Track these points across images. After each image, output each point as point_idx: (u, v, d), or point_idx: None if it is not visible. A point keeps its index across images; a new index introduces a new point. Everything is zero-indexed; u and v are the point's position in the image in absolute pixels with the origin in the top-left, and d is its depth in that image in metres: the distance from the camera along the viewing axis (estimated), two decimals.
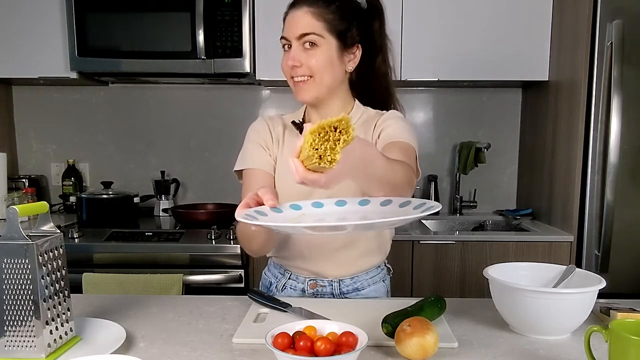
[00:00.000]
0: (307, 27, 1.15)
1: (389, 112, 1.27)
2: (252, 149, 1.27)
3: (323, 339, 0.82)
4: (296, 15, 1.16)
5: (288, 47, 1.18)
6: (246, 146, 1.28)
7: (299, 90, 1.19)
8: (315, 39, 1.15)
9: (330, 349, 0.81)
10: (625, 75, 1.92)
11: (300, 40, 1.15)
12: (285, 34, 1.17)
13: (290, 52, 1.16)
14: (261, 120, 1.31)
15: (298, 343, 0.83)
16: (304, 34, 1.15)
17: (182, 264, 2.00)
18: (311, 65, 1.15)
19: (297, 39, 1.15)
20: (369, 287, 1.30)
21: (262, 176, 1.24)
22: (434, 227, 2.49)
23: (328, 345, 0.81)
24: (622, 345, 0.76)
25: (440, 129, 2.69)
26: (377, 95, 1.31)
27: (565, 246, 2.09)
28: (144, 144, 2.71)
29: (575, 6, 2.08)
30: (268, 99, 2.69)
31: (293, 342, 0.84)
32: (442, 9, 2.28)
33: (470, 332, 1.03)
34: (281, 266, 1.32)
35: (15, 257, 0.84)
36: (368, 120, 1.26)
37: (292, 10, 1.18)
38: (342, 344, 0.84)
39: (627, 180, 1.99)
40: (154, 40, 2.22)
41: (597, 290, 0.98)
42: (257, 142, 1.27)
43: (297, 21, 1.16)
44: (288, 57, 1.17)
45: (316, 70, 1.16)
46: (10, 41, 2.30)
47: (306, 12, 1.16)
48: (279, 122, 1.30)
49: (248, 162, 1.25)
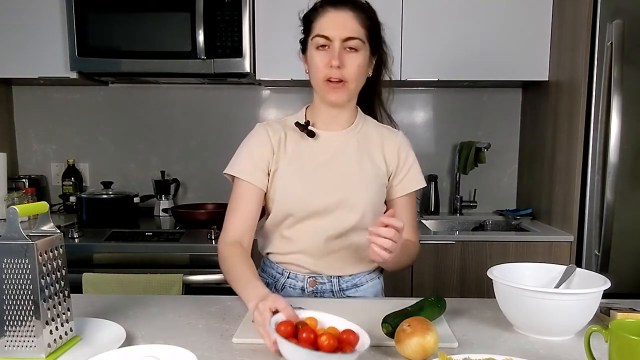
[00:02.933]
0: (353, 31, 1.16)
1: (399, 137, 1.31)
2: (245, 160, 1.25)
3: (327, 334, 0.82)
4: (341, 16, 1.16)
5: (326, 46, 1.17)
6: (240, 152, 1.27)
7: (331, 91, 1.19)
8: (358, 44, 1.17)
9: (334, 345, 0.81)
10: (625, 75, 1.92)
11: (344, 43, 1.16)
12: (329, 33, 1.16)
13: (332, 52, 1.16)
14: (261, 130, 1.28)
15: (301, 334, 0.82)
16: (350, 38, 1.16)
17: (182, 264, 2.00)
18: (350, 70, 1.17)
19: (342, 41, 1.16)
20: (367, 282, 1.31)
21: (251, 192, 1.23)
22: (434, 227, 2.49)
23: (332, 341, 0.81)
24: (622, 345, 0.76)
25: (440, 129, 2.69)
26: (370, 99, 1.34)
27: (565, 246, 2.09)
28: (144, 144, 2.71)
29: (575, 6, 2.08)
30: (268, 99, 2.69)
31: (296, 332, 0.84)
32: (442, 9, 2.28)
33: (470, 332, 1.03)
34: (278, 265, 1.31)
35: (15, 257, 0.84)
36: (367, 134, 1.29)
37: (332, 9, 1.17)
38: (344, 341, 0.84)
39: (627, 180, 1.99)
40: (154, 40, 2.22)
41: (602, 291, 0.98)
42: (252, 153, 1.25)
43: (344, 23, 1.16)
44: (330, 56, 1.16)
45: (352, 75, 1.18)
46: (10, 41, 2.30)
47: (352, 16, 1.17)
48: (279, 128, 1.28)
49: (236, 170, 1.25)
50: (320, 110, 1.27)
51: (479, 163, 2.54)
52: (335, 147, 1.26)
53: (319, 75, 1.18)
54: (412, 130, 2.64)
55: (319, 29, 1.17)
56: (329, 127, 1.27)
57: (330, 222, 1.23)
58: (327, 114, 1.27)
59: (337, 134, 1.27)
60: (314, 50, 1.18)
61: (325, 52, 1.17)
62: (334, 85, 1.18)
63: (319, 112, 1.28)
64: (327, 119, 1.27)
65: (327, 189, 1.22)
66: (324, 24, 1.17)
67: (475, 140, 2.56)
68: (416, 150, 1.34)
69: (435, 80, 2.33)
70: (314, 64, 1.19)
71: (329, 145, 1.26)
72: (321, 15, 1.18)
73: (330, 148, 1.26)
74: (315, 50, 1.18)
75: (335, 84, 1.18)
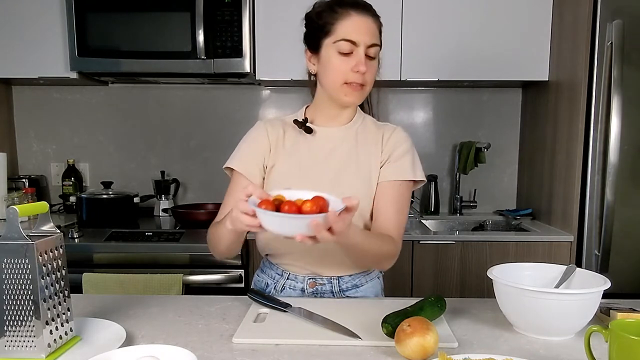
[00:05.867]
0: (375, 38, 1.18)
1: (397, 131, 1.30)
2: (245, 153, 1.28)
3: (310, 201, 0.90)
4: (366, 21, 1.17)
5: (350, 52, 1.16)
6: (240, 147, 1.30)
7: (350, 94, 1.19)
8: (377, 51, 1.20)
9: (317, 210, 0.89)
10: (625, 75, 1.92)
11: (368, 49, 1.17)
12: (356, 39, 1.15)
13: (358, 57, 1.16)
14: (260, 126, 1.30)
15: (283, 207, 0.89)
16: (374, 44, 1.18)
17: (182, 264, 2.00)
18: (370, 74, 1.19)
19: (367, 47, 1.16)
20: (367, 283, 1.31)
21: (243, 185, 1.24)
22: (434, 227, 2.49)
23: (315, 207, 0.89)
24: (622, 345, 0.76)
25: (440, 129, 2.69)
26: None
27: (565, 246, 2.09)
28: (144, 144, 2.71)
29: (575, 6, 2.08)
30: (268, 99, 2.69)
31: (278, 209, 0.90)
32: (442, 9, 2.28)
33: (470, 332, 1.03)
34: (278, 267, 1.31)
35: (15, 257, 0.84)
36: (366, 130, 1.29)
37: (355, 13, 1.16)
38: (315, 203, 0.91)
39: (627, 180, 1.99)
40: (154, 40, 2.22)
41: (602, 291, 0.98)
42: (249, 148, 1.28)
43: (369, 29, 1.17)
44: (356, 60, 1.16)
45: (370, 80, 1.20)
46: (10, 41, 2.30)
47: (373, 22, 1.18)
48: (278, 125, 1.30)
49: (236, 163, 1.27)
50: (323, 108, 1.28)
51: (479, 163, 2.54)
52: (333, 142, 1.27)
53: (338, 78, 1.18)
54: (412, 130, 2.64)
55: (345, 33, 1.16)
56: (328, 124, 1.28)
57: None
58: (329, 112, 1.27)
59: (336, 130, 1.28)
60: (335, 53, 1.17)
61: (352, 57, 1.16)
62: (354, 88, 1.18)
63: (321, 111, 1.28)
64: (328, 117, 1.28)
65: (326, 184, 1.23)
66: (349, 28, 1.16)
67: (475, 140, 2.56)
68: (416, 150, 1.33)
69: (435, 80, 2.33)
70: (335, 66, 1.18)
71: (328, 141, 1.27)
72: (344, 18, 1.16)
73: (329, 144, 1.27)
74: (336, 54, 1.17)
75: (356, 87, 1.18)
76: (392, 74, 2.27)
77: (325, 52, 1.19)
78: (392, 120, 1.49)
